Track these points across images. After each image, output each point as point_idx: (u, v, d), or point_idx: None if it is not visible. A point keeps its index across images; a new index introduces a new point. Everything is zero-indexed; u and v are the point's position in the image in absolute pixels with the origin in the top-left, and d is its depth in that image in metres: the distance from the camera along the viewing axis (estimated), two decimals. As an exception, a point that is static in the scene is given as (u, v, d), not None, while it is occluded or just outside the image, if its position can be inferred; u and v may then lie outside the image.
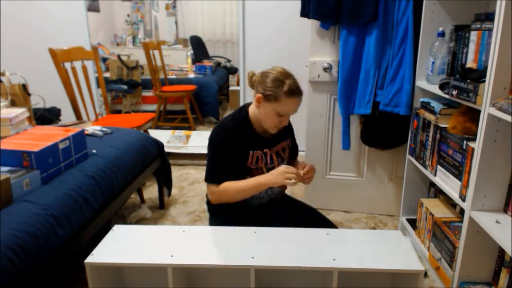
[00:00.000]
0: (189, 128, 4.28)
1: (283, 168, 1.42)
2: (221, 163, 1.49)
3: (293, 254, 1.29)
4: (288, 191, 1.76)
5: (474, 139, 1.46)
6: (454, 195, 1.55)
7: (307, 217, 1.66)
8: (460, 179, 1.52)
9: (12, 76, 2.19)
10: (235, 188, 1.47)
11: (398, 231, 1.48)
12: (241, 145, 1.49)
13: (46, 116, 2.56)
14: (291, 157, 1.71)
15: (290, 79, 1.43)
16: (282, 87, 1.40)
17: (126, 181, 1.91)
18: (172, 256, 1.28)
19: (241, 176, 1.51)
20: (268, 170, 1.57)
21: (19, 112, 1.91)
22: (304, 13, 2.16)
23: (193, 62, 5.33)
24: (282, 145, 1.61)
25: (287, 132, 1.63)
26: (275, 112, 1.43)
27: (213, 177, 1.50)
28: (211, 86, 4.64)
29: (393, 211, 2.41)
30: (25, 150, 1.45)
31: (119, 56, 4.44)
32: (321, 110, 2.33)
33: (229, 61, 5.96)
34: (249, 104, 1.58)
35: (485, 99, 1.31)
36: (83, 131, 1.73)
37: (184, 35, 6.14)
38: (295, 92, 1.42)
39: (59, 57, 2.37)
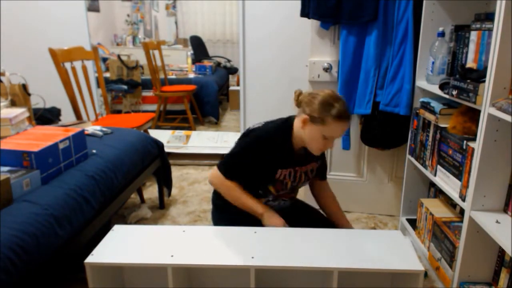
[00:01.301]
0: (189, 128, 4.28)
1: (282, 224, 1.46)
2: (242, 165, 1.50)
3: (293, 254, 1.29)
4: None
5: (474, 139, 1.46)
6: (454, 195, 1.55)
7: (311, 218, 1.66)
8: (460, 179, 1.52)
9: (12, 76, 2.19)
10: (236, 195, 1.50)
11: (398, 231, 1.47)
12: (272, 162, 1.48)
13: (46, 116, 2.56)
14: (321, 177, 1.69)
15: (339, 102, 1.40)
16: (331, 111, 1.38)
17: (126, 181, 1.91)
18: (172, 256, 1.28)
19: (255, 184, 1.53)
20: (292, 186, 1.57)
21: (19, 112, 1.91)
22: (304, 13, 2.16)
23: (193, 62, 5.33)
24: (312, 165, 1.60)
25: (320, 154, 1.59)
26: (321, 135, 1.42)
27: (227, 170, 1.50)
28: (211, 86, 4.65)
29: (393, 211, 2.41)
30: (25, 150, 1.45)
31: (119, 56, 4.44)
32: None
33: (229, 61, 5.96)
34: (295, 116, 1.55)
35: (485, 99, 1.31)
36: (83, 131, 1.73)
37: (184, 35, 6.14)
38: (343, 116, 1.40)
39: (59, 57, 2.37)
